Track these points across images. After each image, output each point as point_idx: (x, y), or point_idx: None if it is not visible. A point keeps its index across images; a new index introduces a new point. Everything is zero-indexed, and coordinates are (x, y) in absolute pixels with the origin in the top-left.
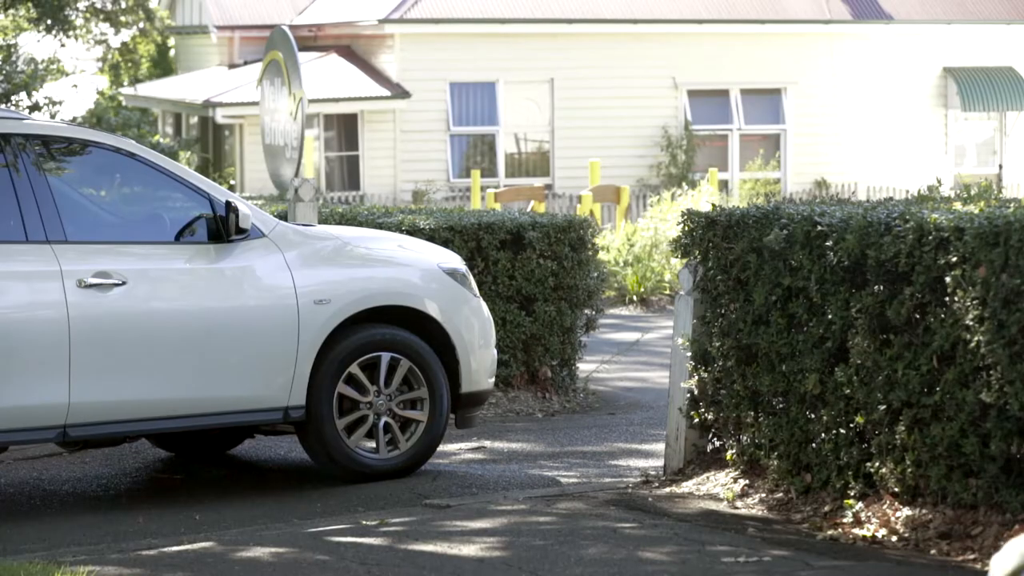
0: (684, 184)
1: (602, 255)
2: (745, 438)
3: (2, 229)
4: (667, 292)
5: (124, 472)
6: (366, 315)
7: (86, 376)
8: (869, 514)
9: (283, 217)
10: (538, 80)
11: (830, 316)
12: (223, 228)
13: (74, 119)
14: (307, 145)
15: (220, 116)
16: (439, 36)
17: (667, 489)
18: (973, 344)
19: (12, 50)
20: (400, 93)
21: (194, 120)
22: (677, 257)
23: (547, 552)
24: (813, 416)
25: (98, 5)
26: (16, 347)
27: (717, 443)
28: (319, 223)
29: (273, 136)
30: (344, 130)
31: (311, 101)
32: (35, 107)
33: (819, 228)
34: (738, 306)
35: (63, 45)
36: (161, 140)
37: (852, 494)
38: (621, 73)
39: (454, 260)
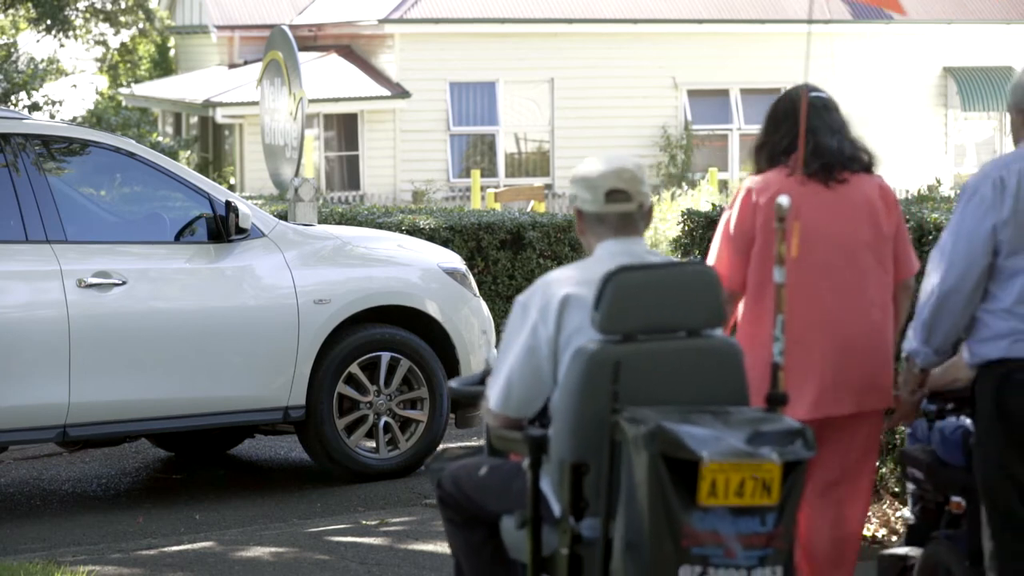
0: (684, 184)
1: None
2: None
3: (2, 229)
4: None
5: (124, 472)
6: (366, 315)
7: (86, 376)
8: (869, 514)
9: (283, 217)
10: (538, 80)
11: None
12: (223, 228)
13: (74, 119)
14: (307, 145)
15: (220, 116)
16: (439, 36)
17: None
18: None
19: (12, 49)
20: (400, 93)
21: (194, 120)
22: (677, 257)
23: None
24: None
25: (98, 5)
26: (16, 347)
27: None
28: (319, 223)
29: (273, 136)
30: (344, 130)
31: (311, 101)
32: (35, 107)
33: None
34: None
35: (62, 45)
36: (161, 140)
37: None
38: (621, 73)
39: (454, 260)
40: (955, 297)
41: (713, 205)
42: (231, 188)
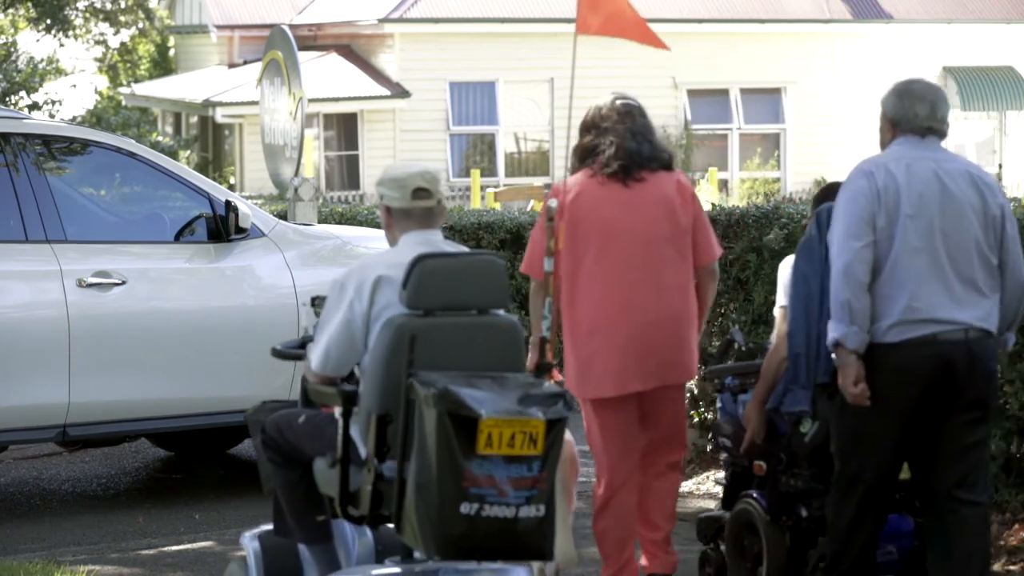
0: None
1: None
2: None
3: (2, 228)
4: None
5: (124, 472)
6: None
7: (86, 375)
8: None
9: (283, 217)
10: (538, 80)
11: None
12: (223, 227)
13: (74, 119)
14: (307, 145)
15: (220, 115)
16: (439, 36)
17: None
18: None
19: (12, 49)
20: (400, 93)
21: (194, 119)
22: None
23: None
24: None
25: (98, 5)
26: (16, 346)
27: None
28: (319, 223)
29: (273, 136)
30: (344, 130)
31: (311, 101)
32: (35, 107)
33: None
34: (737, 305)
35: (62, 45)
36: (161, 140)
37: None
38: (621, 73)
39: None
40: (855, 267)
41: (713, 204)
42: (231, 188)
